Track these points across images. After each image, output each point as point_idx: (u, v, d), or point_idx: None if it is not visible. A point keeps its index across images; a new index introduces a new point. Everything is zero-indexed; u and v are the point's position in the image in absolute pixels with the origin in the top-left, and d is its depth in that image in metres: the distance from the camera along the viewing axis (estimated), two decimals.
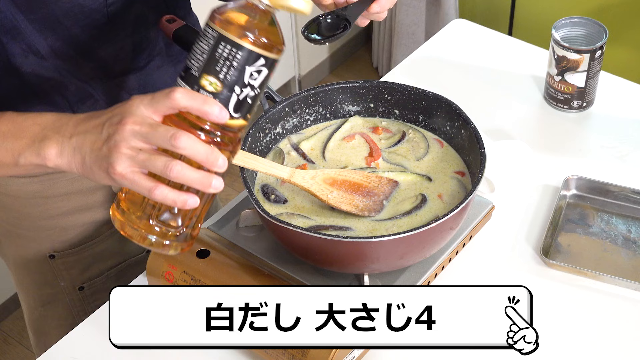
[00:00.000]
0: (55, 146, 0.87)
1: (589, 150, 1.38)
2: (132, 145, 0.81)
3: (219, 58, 0.82)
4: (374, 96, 1.22)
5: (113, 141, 0.82)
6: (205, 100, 0.81)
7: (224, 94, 0.83)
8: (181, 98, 0.81)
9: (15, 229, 1.28)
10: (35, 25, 1.04)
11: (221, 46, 0.82)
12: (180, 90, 0.81)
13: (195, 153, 0.81)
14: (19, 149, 0.90)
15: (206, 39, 0.83)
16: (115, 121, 0.83)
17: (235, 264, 1.11)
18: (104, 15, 1.08)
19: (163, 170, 0.80)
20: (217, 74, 0.83)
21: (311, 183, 1.08)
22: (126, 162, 0.81)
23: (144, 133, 0.81)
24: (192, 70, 0.83)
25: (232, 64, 0.82)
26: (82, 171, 0.87)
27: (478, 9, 2.91)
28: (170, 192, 0.82)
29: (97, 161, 0.84)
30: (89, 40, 1.09)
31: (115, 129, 0.82)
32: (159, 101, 0.82)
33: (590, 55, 1.36)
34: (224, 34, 0.82)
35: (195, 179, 0.82)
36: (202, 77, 0.83)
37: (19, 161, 0.90)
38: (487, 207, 1.20)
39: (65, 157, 0.87)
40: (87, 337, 1.14)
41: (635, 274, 1.17)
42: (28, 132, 0.89)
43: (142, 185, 0.82)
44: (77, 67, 1.11)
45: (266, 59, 0.84)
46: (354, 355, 1.04)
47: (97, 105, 1.16)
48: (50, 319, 1.36)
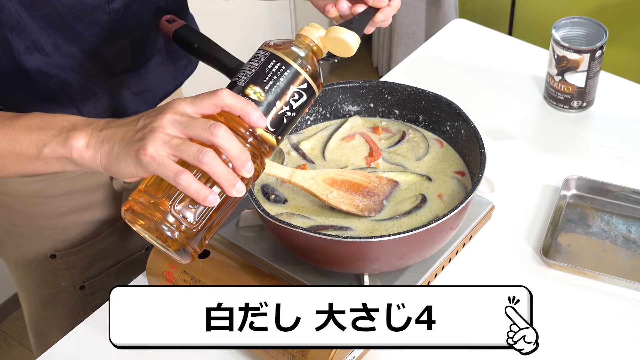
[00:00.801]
0: (83, 137, 0.88)
1: (589, 150, 1.38)
2: (168, 132, 0.83)
3: (267, 72, 0.89)
4: (374, 96, 1.22)
5: (149, 127, 0.83)
6: (248, 102, 0.86)
7: (266, 104, 0.88)
8: (227, 96, 0.85)
9: (16, 229, 1.28)
10: (39, 22, 1.04)
11: (272, 63, 0.90)
12: (227, 90, 0.85)
13: (230, 146, 0.83)
14: (45, 140, 0.90)
15: (257, 59, 0.91)
16: (154, 114, 0.85)
17: (235, 264, 1.11)
18: (105, 12, 1.09)
19: (196, 155, 0.81)
20: (262, 85, 0.89)
21: (311, 183, 1.08)
22: (159, 145, 0.82)
23: (183, 122, 0.83)
24: (239, 82, 0.89)
25: (279, 79, 0.89)
26: (106, 161, 0.87)
27: (478, 9, 2.91)
28: (195, 182, 0.82)
29: (127, 146, 0.84)
30: (90, 38, 1.10)
31: (154, 118, 0.84)
32: (203, 99, 0.85)
33: (590, 55, 1.36)
34: (276, 53, 0.90)
35: (223, 173, 0.83)
36: (247, 87, 0.89)
37: (43, 152, 0.90)
38: (487, 207, 1.20)
39: (92, 148, 0.87)
40: (87, 337, 1.14)
41: (635, 274, 1.17)
42: (57, 125, 0.90)
43: (170, 168, 0.82)
44: (79, 64, 1.11)
45: (308, 86, 0.91)
46: (354, 356, 1.04)
47: (100, 103, 1.16)
48: (51, 319, 1.36)
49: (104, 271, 1.34)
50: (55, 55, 1.08)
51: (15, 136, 0.92)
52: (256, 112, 0.85)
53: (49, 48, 1.07)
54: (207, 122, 0.83)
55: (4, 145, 0.92)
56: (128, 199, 0.87)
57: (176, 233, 0.85)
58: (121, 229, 1.32)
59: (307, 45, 0.93)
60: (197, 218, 0.86)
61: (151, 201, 0.85)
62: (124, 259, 1.35)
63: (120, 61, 1.16)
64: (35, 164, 0.92)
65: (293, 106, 0.90)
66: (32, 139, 0.91)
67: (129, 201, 0.86)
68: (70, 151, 0.88)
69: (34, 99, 1.11)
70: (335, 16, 1.07)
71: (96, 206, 1.27)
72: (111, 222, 1.31)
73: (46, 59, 1.08)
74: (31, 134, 0.91)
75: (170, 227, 0.85)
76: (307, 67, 0.91)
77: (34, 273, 1.32)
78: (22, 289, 1.37)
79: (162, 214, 0.85)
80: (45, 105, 1.12)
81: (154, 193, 0.86)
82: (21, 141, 0.91)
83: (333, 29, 0.95)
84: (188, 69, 1.30)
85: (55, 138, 0.89)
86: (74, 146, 0.88)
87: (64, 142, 0.89)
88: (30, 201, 1.24)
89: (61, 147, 0.89)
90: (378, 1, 1.02)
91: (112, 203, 1.29)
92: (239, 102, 0.85)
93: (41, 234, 1.27)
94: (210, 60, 1.15)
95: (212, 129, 0.82)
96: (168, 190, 0.85)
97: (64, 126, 0.90)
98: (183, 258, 0.88)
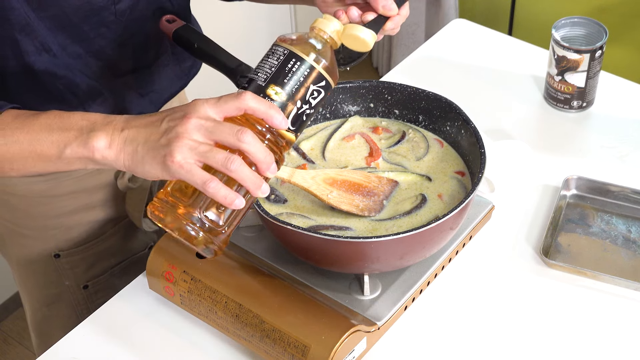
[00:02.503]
0: (105, 137, 0.88)
1: (589, 150, 1.38)
2: (194, 138, 0.84)
3: (288, 72, 0.89)
4: (374, 96, 1.22)
5: (174, 132, 0.84)
6: (271, 105, 0.87)
7: (287, 104, 0.89)
8: (250, 100, 0.85)
9: (20, 229, 1.28)
10: (46, 23, 1.05)
11: (292, 62, 0.89)
12: (250, 94, 0.86)
13: (256, 151, 0.84)
14: (66, 140, 0.90)
15: (275, 55, 0.90)
16: (178, 116, 0.85)
17: (235, 264, 1.11)
18: (112, 13, 1.10)
19: (224, 163, 0.83)
20: (283, 85, 0.89)
21: (311, 183, 1.08)
22: (187, 152, 0.83)
23: (209, 127, 0.84)
24: (258, 80, 0.89)
25: (300, 79, 0.89)
26: (130, 163, 0.87)
27: (478, 9, 2.91)
28: (223, 188, 0.84)
29: (152, 150, 0.85)
30: (97, 39, 1.11)
31: (179, 122, 0.84)
32: (227, 101, 0.85)
33: (590, 55, 1.36)
34: (295, 51, 0.90)
35: (250, 178, 0.85)
36: (268, 87, 0.89)
37: (65, 152, 0.90)
38: (487, 207, 1.20)
39: (114, 148, 0.88)
40: (87, 336, 1.14)
41: (635, 274, 1.17)
42: (76, 125, 0.90)
43: (199, 175, 0.83)
44: (86, 65, 1.12)
45: (326, 83, 0.91)
46: (354, 356, 1.04)
47: (106, 103, 1.17)
48: (54, 319, 1.36)
49: (107, 270, 1.34)
50: (62, 56, 1.09)
51: (36, 137, 0.92)
52: (279, 116, 0.86)
53: (57, 49, 1.08)
54: (233, 127, 0.84)
55: (25, 146, 0.93)
56: (154, 198, 0.88)
57: (201, 233, 0.87)
58: (125, 228, 1.33)
59: (323, 39, 0.93)
60: (224, 220, 0.88)
61: (178, 203, 0.87)
62: (127, 258, 1.35)
63: (126, 62, 1.17)
64: (56, 163, 0.93)
65: (312, 104, 0.91)
66: (53, 139, 0.91)
67: (155, 201, 0.88)
68: (92, 152, 0.89)
69: (42, 100, 1.11)
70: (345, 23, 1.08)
71: (100, 205, 1.28)
72: (115, 221, 1.31)
73: (54, 59, 1.08)
74: (52, 135, 0.91)
75: (196, 227, 0.87)
76: (325, 63, 0.91)
77: (37, 273, 1.32)
78: (25, 289, 1.37)
79: (188, 216, 0.87)
80: (54, 106, 1.12)
81: (180, 196, 0.87)
82: (42, 142, 0.92)
83: (350, 26, 0.96)
84: (193, 70, 1.31)
85: (76, 139, 0.90)
86: (95, 147, 0.88)
87: (85, 142, 0.89)
88: (35, 201, 1.24)
89: (83, 148, 0.89)
90: (388, 10, 1.02)
91: (116, 202, 1.29)
92: (263, 105, 0.86)
93: (45, 234, 1.28)
94: (210, 60, 1.16)
95: (239, 135, 0.83)
96: (195, 194, 0.87)
97: (83, 126, 0.90)
98: (206, 253, 0.90)
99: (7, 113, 0.95)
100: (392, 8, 1.02)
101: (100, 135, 0.88)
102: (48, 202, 1.24)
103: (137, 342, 1.13)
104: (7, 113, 0.95)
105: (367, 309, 1.07)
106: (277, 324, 1.02)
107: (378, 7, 1.02)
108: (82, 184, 1.24)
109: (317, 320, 1.02)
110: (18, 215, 1.27)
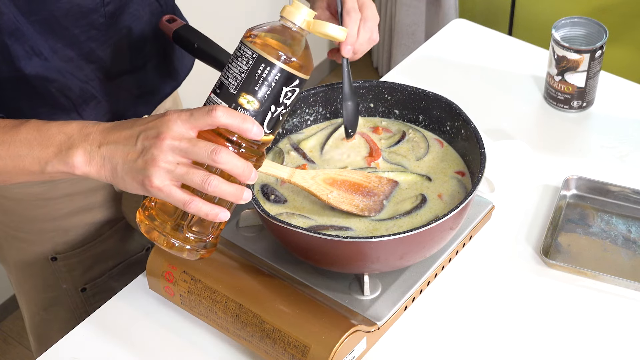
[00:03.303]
0: (82, 154, 0.89)
1: (589, 150, 1.38)
2: (169, 160, 0.84)
3: (258, 78, 0.87)
4: (374, 96, 1.22)
5: (150, 154, 0.84)
6: (244, 118, 0.86)
7: (261, 112, 0.88)
8: (222, 116, 0.85)
9: (16, 232, 1.28)
10: (36, 27, 1.04)
11: (261, 67, 0.86)
12: (221, 109, 0.85)
13: (233, 167, 0.85)
14: (46, 158, 0.91)
15: (245, 59, 0.87)
16: (152, 135, 0.85)
17: (235, 264, 1.11)
18: (101, 15, 1.09)
19: (201, 185, 0.84)
20: (255, 94, 0.87)
21: (311, 183, 1.08)
22: (164, 176, 0.84)
23: (184, 148, 0.84)
24: (230, 88, 0.87)
25: (271, 84, 0.87)
26: (112, 179, 0.89)
27: (478, 9, 2.91)
28: (204, 205, 0.85)
29: (131, 172, 0.86)
30: (87, 41, 1.10)
31: (153, 143, 0.85)
32: (199, 118, 0.85)
33: (590, 55, 1.36)
34: (264, 55, 0.86)
35: (230, 192, 0.86)
36: (240, 96, 0.87)
37: (46, 169, 0.91)
38: (487, 207, 1.20)
39: (94, 165, 0.89)
40: (87, 337, 1.14)
41: (635, 274, 1.17)
42: (54, 140, 0.91)
43: (178, 198, 0.85)
44: (77, 68, 1.11)
45: (300, 80, 0.89)
46: (354, 356, 1.04)
47: (100, 106, 1.16)
48: (52, 322, 1.36)
49: (105, 273, 1.34)
50: (53, 60, 1.08)
51: (17, 152, 0.92)
52: (253, 127, 0.86)
53: (47, 53, 1.07)
54: (207, 147, 0.84)
55: (8, 162, 0.93)
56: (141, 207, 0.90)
57: (187, 246, 0.89)
58: (122, 230, 1.33)
59: (292, 33, 0.89)
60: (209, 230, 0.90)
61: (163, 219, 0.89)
62: (124, 260, 1.35)
63: (117, 64, 1.16)
64: (40, 176, 0.94)
65: (287, 104, 0.90)
66: (34, 155, 0.91)
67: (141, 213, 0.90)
68: (73, 169, 0.90)
69: (35, 104, 1.11)
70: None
71: (97, 208, 1.28)
72: (112, 223, 1.31)
73: (45, 63, 1.08)
74: (32, 151, 0.92)
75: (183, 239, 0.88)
76: (296, 62, 0.88)
77: (34, 276, 1.32)
78: (22, 293, 1.37)
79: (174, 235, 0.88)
80: (47, 110, 1.12)
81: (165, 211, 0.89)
82: (24, 158, 0.92)
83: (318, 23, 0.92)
84: (185, 70, 1.30)
85: (55, 156, 0.90)
86: (75, 165, 0.89)
87: (64, 160, 0.90)
88: (31, 204, 1.24)
89: (63, 165, 0.90)
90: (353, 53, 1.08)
91: (113, 204, 1.29)
92: (235, 119, 0.85)
93: (42, 237, 1.27)
94: (210, 59, 1.16)
95: (213, 156, 0.84)
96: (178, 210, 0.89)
97: (62, 141, 0.90)
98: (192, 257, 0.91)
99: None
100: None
101: (78, 153, 0.89)
102: (44, 205, 1.24)
103: (137, 342, 1.13)
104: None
105: (367, 309, 1.07)
106: (277, 324, 1.02)
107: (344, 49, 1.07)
108: (78, 186, 1.24)
109: (317, 320, 1.02)
110: (14, 218, 1.26)
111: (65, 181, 1.22)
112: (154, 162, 0.84)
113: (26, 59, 1.06)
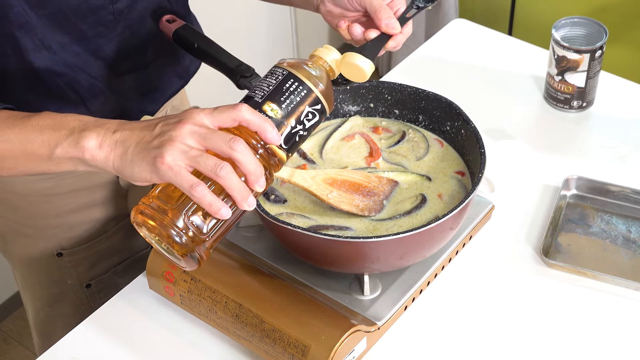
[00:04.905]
0: (96, 138, 0.88)
1: (589, 150, 1.38)
2: (186, 142, 0.84)
3: (285, 91, 0.90)
4: (374, 96, 1.22)
5: (168, 135, 0.84)
6: (266, 119, 0.87)
7: (281, 122, 0.90)
8: (246, 112, 0.86)
9: (22, 227, 1.28)
10: (45, 21, 1.05)
11: (289, 82, 0.91)
12: (246, 106, 0.87)
13: (247, 161, 0.85)
14: (57, 140, 0.90)
15: (274, 76, 0.92)
16: (173, 121, 0.86)
17: (235, 264, 1.11)
18: (110, 12, 1.10)
19: (214, 169, 0.83)
20: (279, 103, 0.90)
21: (311, 183, 1.08)
22: (177, 155, 0.83)
23: (203, 133, 0.84)
24: (256, 97, 0.91)
25: (296, 98, 0.91)
26: (119, 164, 0.87)
27: (478, 9, 2.91)
28: (209, 194, 0.84)
29: (143, 152, 0.85)
30: (95, 38, 1.11)
31: (173, 127, 0.85)
32: (222, 112, 0.86)
33: (590, 55, 1.36)
34: (294, 72, 0.91)
35: (238, 187, 0.85)
36: (265, 103, 0.90)
37: (55, 152, 0.90)
38: (487, 207, 1.20)
39: (105, 149, 0.88)
40: (88, 336, 1.14)
41: (635, 274, 1.17)
42: (68, 125, 0.90)
43: (186, 179, 0.83)
44: (86, 63, 1.12)
45: (322, 107, 0.93)
46: (354, 356, 1.04)
47: (108, 101, 1.17)
48: (57, 318, 1.36)
49: (110, 269, 1.34)
50: (62, 54, 1.09)
51: (27, 136, 0.92)
52: (273, 130, 0.87)
53: (56, 47, 1.08)
54: (226, 135, 0.84)
55: (15, 145, 0.93)
56: (139, 202, 0.88)
57: (184, 238, 0.87)
58: (127, 227, 1.33)
59: (322, 66, 0.95)
60: (208, 228, 0.88)
61: (163, 207, 0.87)
62: (130, 257, 1.36)
63: (125, 61, 1.17)
64: (46, 163, 0.92)
65: (306, 125, 0.92)
66: (44, 139, 0.91)
67: (140, 205, 0.88)
68: (83, 152, 0.89)
69: (44, 98, 1.12)
70: (345, 33, 1.08)
71: (102, 204, 1.28)
72: (117, 219, 1.31)
73: (54, 57, 1.09)
74: (43, 134, 0.91)
75: (180, 232, 0.86)
76: (322, 87, 0.92)
77: (39, 272, 1.32)
78: (27, 289, 1.37)
79: (173, 220, 0.86)
80: (56, 104, 1.12)
81: (167, 200, 0.87)
82: (33, 141, 0.92)
83: (349, 54, 0.97)
84: (192, 69, 1.31)
85: (67, 138, 0.90)
86: (86, 147, 0.88)
87: (75, 142, 0.89)
88: (37, 200, 1.24)
89: (73, 148, 0.89)
90: (391, 28, 1.03)
91: (119, 201, 1.29)
92: (258, 118, 0.86)
93: (47, 233, 1.28)
94: (210, 60, 1.16)
95: (231, 143, 0.83)
96: (181, 199, 0.87)
97: (75, 126, 0.90)
98: (189, 264, 0.90)
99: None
100: (395, 27, 1.03)
101: (92, 136, 0.88)
102: (50, 201, 1.24)
103: (137, 341, 1.13)
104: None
105: (367, 309, 1.07)
106: (277, 324, 1.02)
107: (381, 25, 1.03)
108: (83, 182, 1.24)
109: (317, 320, 1.02)
110: (20, 214, 1.27)
111: (71, 177, 1.22)
112: (170, 141, 0.84)
113: (35, 52, 1.07)
